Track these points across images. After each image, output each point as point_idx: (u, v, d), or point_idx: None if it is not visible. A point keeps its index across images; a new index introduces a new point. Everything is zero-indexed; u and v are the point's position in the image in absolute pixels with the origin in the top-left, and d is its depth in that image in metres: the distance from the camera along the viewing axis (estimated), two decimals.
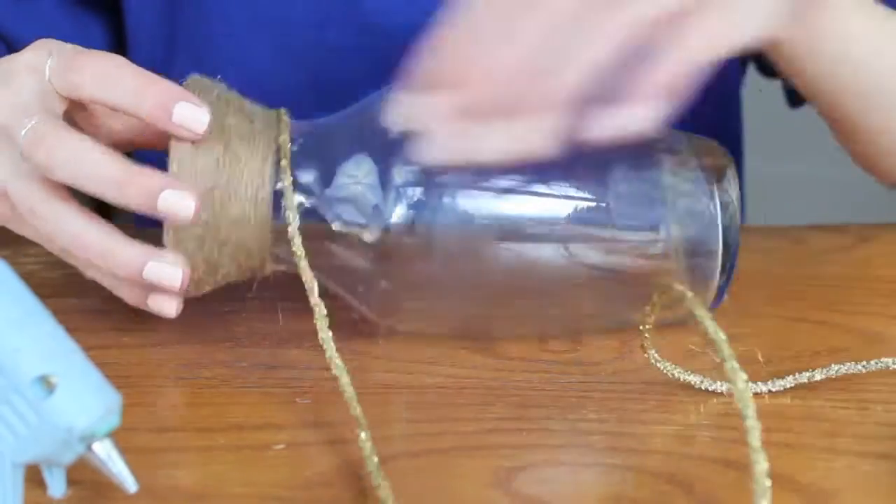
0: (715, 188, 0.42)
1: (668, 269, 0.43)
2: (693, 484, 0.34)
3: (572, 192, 0.42)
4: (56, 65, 0.41)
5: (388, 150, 0.40)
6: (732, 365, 0.32)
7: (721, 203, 0.42)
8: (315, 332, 0.44)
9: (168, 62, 0.62)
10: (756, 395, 0.41)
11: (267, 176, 0.40)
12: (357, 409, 0.36)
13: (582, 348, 0.44)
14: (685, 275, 0.43)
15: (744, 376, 0.32)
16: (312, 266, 0.41)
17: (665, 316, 0.41)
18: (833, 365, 0.42)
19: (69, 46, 0.42)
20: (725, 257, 0.42)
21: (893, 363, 0.43)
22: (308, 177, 0.41)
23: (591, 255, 0.42)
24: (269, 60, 0.59)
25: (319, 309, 0.39)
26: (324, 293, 0.40)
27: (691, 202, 0.42)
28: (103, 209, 0.44)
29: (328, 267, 0.42)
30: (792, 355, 0.44)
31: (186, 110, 0.39)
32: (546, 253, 0.42)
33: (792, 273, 0.55)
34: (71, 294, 0.50)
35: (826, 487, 0.34)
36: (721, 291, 0.43)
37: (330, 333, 0.39)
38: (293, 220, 0.40)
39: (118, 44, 0.65)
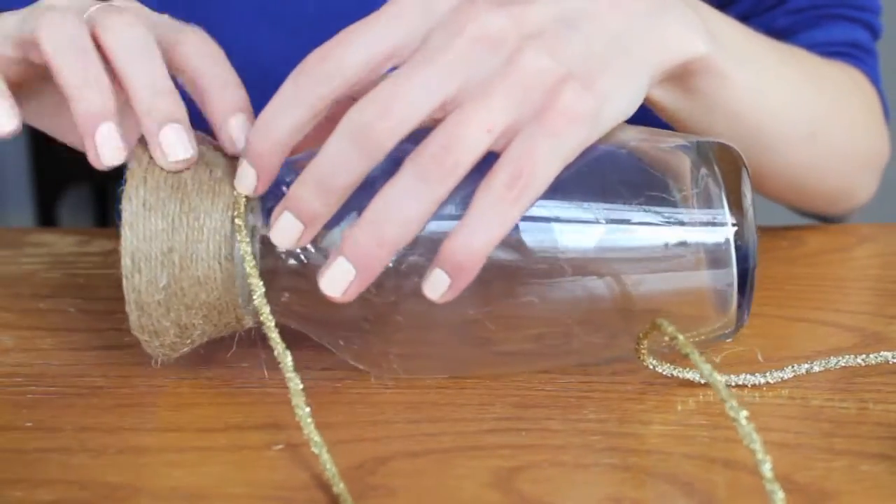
0: (724, 194, 0.39)
1: (679, 290, 0.39)
2: (693, 484, 0.34)
3: (570, 214, 0.38)
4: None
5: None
6: (732, 404, 0.32)
7: (737, 208, 0.39)
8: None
9: None
10: (754, 387, 0.41)
11: (230, 231, 0.37)
12: (341, 486, 0.34)
13: None
14: (701, 294, 0.40)
15: (745, 413, 0.32)
16: (290, 314, 0.39)
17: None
18: (832, 358, 0.42)
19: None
20: (743, 266, 0.39)
21: (893, 357, 0.43)
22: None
23: (598, 282, 0.38)
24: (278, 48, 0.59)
25: (294, 384, 0.36)
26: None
27: (703, 211, 0.39)
28: (101, 209, 0.44)
29: (303, 316, 0.39)
30: (792, 355, 0.44)
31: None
32: (545, 285, 0.38)
33: (792, 273, 0.55)
34: (71, 294, 0.50)
35: (825, 487, 0.34)
36: (742, 306, 0.40)
37: (308, 409, 0.35)
38: (258, 289, 0.37)
39: None
